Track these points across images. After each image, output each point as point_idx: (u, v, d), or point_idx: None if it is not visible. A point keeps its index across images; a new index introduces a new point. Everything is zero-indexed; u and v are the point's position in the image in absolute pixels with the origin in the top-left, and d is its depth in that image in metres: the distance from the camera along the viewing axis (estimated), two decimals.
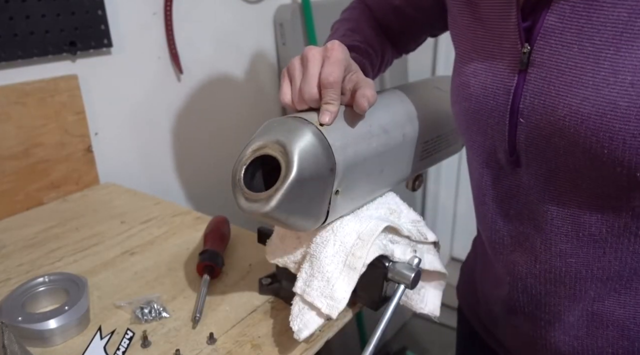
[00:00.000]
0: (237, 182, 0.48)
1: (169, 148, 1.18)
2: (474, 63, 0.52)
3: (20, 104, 0.88)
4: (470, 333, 0.73)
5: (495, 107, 0.50)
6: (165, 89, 1.14)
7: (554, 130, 0.44)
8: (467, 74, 0.53)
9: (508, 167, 0.52)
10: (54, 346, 0.58)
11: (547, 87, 0.44)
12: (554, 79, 0.44)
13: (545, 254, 0.52)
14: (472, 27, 0.53)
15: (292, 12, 1.31)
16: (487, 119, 0.51)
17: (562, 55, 0.43)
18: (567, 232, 0.49)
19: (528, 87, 0.46)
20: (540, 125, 0.46)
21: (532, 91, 0.46)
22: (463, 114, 0.55)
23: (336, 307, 0.52)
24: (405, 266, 0.53)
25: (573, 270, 0.50)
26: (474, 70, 0.52)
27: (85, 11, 0.92)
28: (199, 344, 0.58)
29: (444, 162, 0.76)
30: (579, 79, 0.42)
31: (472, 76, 0.52)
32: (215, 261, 0.69)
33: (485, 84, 0.51)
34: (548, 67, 0.44)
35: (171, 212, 0.91)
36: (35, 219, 0.88)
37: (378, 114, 0.57)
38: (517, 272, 0.56)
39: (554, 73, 0.44)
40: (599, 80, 0.41)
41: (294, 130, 0.47)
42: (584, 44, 0.42)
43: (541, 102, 0.45)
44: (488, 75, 0.50)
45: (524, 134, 0.48)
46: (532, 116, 0.46)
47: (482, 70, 0.51)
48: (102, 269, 0.73)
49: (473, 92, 0.52)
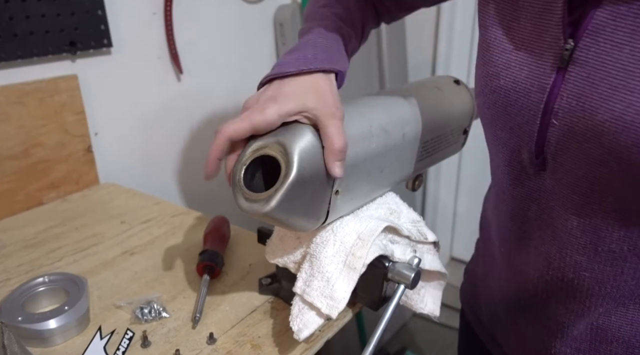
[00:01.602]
0: (237, 182, 0.48)
1: (169, 148, 1.18)
2: (506, 53, 0.48)
3: (20, 104, 0.88)
4: (471, 337, 0.72)
5: (526, 105, 0.46)
6: (165, 89, 1.14)
7: (590, 136, 0.41)
8: (498, 64, 0.49)
9: (531, 169, 0.49)
10: (54, 346, 0.58)
11: (588, 88, 0.41)
12: (597, 80, 0.41)
13: (559, 263, 0.50)
14: (508, 13, 0.48)
15: (292, 12, 1.31)
16: (516, 116, 0.48)
17: (610, 55, 0.40)
18: (585, 244, 0.47)
19: (567, 86, 0.43)
20: (575, 129, 0.42)
21: (571, 91, 0.42)
22: (488, 107, 0.51)
23: (336, 307, 0.52)
24: (405, 266, 0.53)
25: (585, 285, 0.48)
26: (506, 61, 0.48)
27: (85, 11, 0.92)
28: (199, 344, 0.58)
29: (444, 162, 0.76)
30: (626, 83, 0.39)
31: (504, 68, 0.48)
32: (215, 261, 0.69)
33: (517, 79, 0.47)
34: (592, 66, 0.41)
35: (171, 212, 0.91)
36: (35, 219, 0.88)
37: (378, 114, 0.57)
38: (528, 276, 0.54)
39: (599, 74, 0.41)
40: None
41: (294, 130, 0.47)
42: (637, 45, 0.38)
43: (580, 104, 0.42)
44: (522, 69, 0.46)
45: (556, 137, 0.44)
46: (567, 118, 0.43)
47: (516, 62, 0.47)
48: (102, 269, 0.73)
49: (503, 85, 0.48)
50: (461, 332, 0.80)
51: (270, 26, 1.35)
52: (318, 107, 0.47)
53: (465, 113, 0.72)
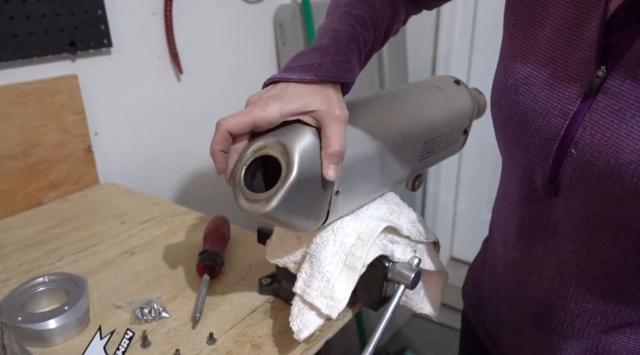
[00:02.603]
0: (237, 182, 0.48)
1: (168, 148, 1.18)
2: (529, 66, 0.44)
3: (20, 104, 0.88)
4: (473, 338, 0.72)
5: (544, 127, 0.42)
6: (165, 89, 1.14)
7: (610, 174, 0.38)
8: (518, 77, 0.45)
9: (542, 192, 0.46)
10: (53, 346, 0.58)
11: (617, 123, 0.37)
12: (628, 116, 0.36)
13: (562, 291, 0.48)
14: (537, 21, 0.44)
15: (292, 12, 1.31)
16: (532, 137, 0.44)
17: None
18: (592, 277, 0.44)
19: (592, 117, 0.39)
20: (595, 163, 0.39)
21: (596, 123, 0.38)
22: (503, 121, 0.48)
23: (336, 307, 0.52)
24: (405, 266, 0.53)
25: (587, 315, 0.47)
26: (527, 76, 0.44)
27: (85, 11, 0.92)
28: (199, 344, 0.58)
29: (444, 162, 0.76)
30: None
31: (523, 83, 0.44)
32: (215, 261, 0.69)
33: (538, 98, 0.43)
34: (625, 100, 0.37)
35: (171, 212, 0.91)
36: (35, 219, 0.88)
37: (378, 115, 0.57)
38: (530, 295, 0.52)
39: (631, 109, 0.36)
40: None
41: (295, 131, 0.47)
42: None
43: (605, 138, 0.38)
44: (543, 89, 0.42)
45: (572, 167, 0.41)
46: (588, 151, 0.39)
47: (538, 80, 0.43)
48: (102, 269, 0.73)
49: (520, 101, 0.44)
50: (463, 334, 0.79)
51: (270, 26, 1.35)
52: (322, 108, 0.46)
53: (465, 113, 0.71)
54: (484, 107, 0.76)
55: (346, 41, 0.51)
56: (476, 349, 0.71)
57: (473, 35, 1.70)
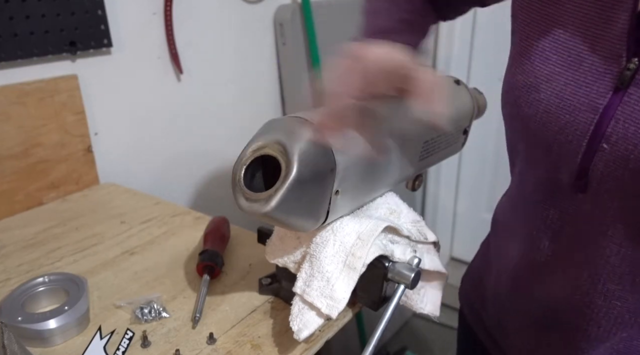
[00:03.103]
0: (237, 182, 0.48)
1: (168, 148, 1.18)
2: (550, 64, 0.43)
3: (20, 104, 0.88)
4: (472, 338, 0.72)
5: (571, 123, 0.42)
6: (165, 89, 1.14)
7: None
8: (539, 75, 0.44)
9: (568, 190, 0.45)
10: (53, 346, 0.58)
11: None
12: None
13: (589, 288, 0.47)
14: (554, 18, 0.43)
15: (292, 12, 1.31)
16: (557, 134, 0.43)
17: None
18: (622, 274, 0.44)
19: (624, 109, 0.38)
20: (629, 157, 0.38)
21: (629, 116, 0.38)
22: (521, 121, 0.47)
23: (336, 307, 0.52)
24: (405, 266, 0.53)
25: (615, 313, 0.46)
26: (549, 74, 0.43)
27: (85, 11, 0.92)
28: (199, 344, 0.58)
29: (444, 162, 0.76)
30: None
31: (544, 80, 0.43)
32: (215, 261, 0.69)
33: (563, 95, 0.42)
34: None
35: (171, 212, 0.91)
36: (35, 219, 0.88)
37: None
38: (551, 295, 0.51)
39: None
40: None
41: (294, 130, 0.47)
42: None
43: (638, 130, 0.38)
44: (568, 84, 0.42)
45: (604, 162, 0.40)
46: (621, 145, 0.39)
47: (563, 76, 0.42)
48: (102, 269, 0.73)
49: (543, 99, 0.43)
50: (460, 335, 0.79)
51: (270, 26, 1.35)
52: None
53: (465, 113, 0.71)
54: (484, 107, 0.76)
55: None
56: (475, 348, 0.71)
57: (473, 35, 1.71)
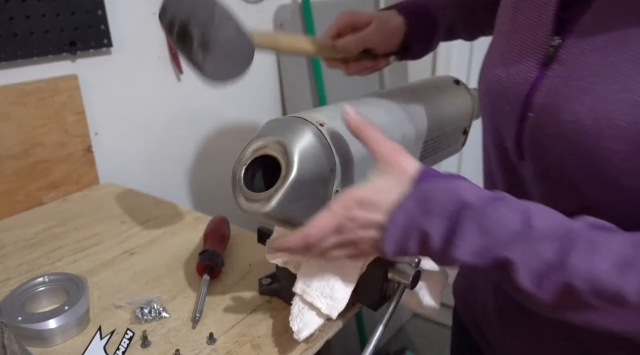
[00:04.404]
0: (237, 182, 0.48)
1: (168, 148, 1.18)
2: (507, 44, 0.50)
3: (20, 104, 0.88)
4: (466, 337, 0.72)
5: (512, 95, 0.48)
6: (165, 89, 1.14)
7: (557, 133, 0.43)
8: (497, 55, 0.52)
9: (514, 157, 0.50)
10: (53, 346, 0.58)
11: (562, 87, 0.42)
12: (571, 80, 0.42)
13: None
14: (514, 7, 0.51)
15: (292, 12, 1.31)
16: (503, 105, 0.49)
17: (587, 58, 0.41)
18: None
19: (545, 83, 0.44)
20: (546, 124, 0.44)
21: (548, 88, 0.44)
22: (483, 94, 0.54)
23: (336, 307, 0.52)
24: (405, 266, 0.53)
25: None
26: (504, 53, 0.50)
27: (85, 11, 0.92)
28: (199, 344, 0.58)
29: (443, 162, 0.76)
30: (592, 87, 0.40)
31: (501, 58, 0.50)
32: (215, 261, 0.69)
33: (509, 70, 0.49)
34: (570, 67, 0.42)
35: (171, 212, 0.91)
36: (35, 219, 0.88)
37: (378, 115, 0.57)
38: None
39: (573, 75, 0.42)
40: (609, 93, 0.39)
41: (295, 130, 0.47)
42: (610, 51, 0.39)
43: (552, 101, 0.43)
44: (514, 62, 0.48)
45: (530, 129, 0.46)
46: (541, 113, 0.44)
47: (511, 54, 0.49)
48: (102, 269, 0.73)
49: (497, 75, 0.50)
50: (454, 332, 0.79)
51: (270, 26, 1.35)
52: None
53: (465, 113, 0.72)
54: None
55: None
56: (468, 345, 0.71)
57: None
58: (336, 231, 0.44)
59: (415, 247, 0.42)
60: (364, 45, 0.66)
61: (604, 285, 0.35)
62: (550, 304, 0.37)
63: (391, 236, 0.42)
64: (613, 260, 0.35)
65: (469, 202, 0.40)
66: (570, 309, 0.37)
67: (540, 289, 0.37)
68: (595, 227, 0.38)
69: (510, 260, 0.37)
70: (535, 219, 0.38)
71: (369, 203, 0.43)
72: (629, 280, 0.34)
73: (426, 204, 0.41)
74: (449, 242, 0.40)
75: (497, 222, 0.38)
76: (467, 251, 0.39)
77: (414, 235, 0.41)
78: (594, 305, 0.36)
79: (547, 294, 0.37)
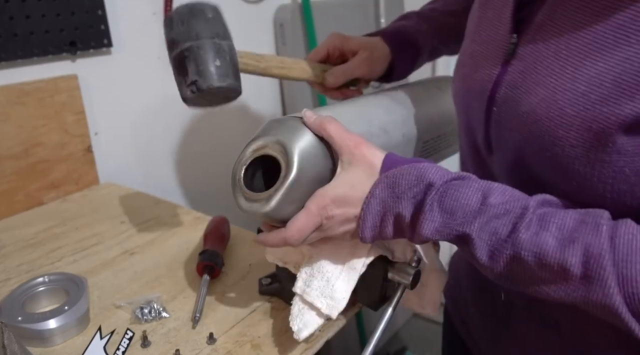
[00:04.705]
0: (236, 182, 0.48)
1: (169, 148, 1.18)
2: (474, 44, 0.53)
3: (20, 104, 0.88)
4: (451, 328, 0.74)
5: (479, 92, 0.50)
6: (165, 89, 1.13)
7: (517, 125, 0.45)
8: (466, 53, 0.54)
9: (485, 152, 0.52)
10: (53, 346, 0.58)
11: (520, 81, 0.45)
12: (527, 74, 0.44)
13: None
14: (480, 9, 0.54)
15: (292, 12, 1.31)
16: (472, 101, 0.52)
17: (540, 52, 0.44)
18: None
19: (506, 78, 0.47)
20: (508, 117, 0.46)
21: (508, 83, 0.46)
22: (456, 93, 0.56)
23: (336, 307, 0.52)
24: (405, 266, 0.53)
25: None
26: (472, 51, 0.53)
27: (85, 11, 0.92)
28: (199, 344, 0.58)
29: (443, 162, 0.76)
30: (545, 80, 0.43)
31: (469, 57, 0.53)
32: (215, 261, 0.69)
33: (476, 67, 0.51)
34: (527, 62, 0.45)
35: (171, 212, 0.91)
36: (35, 219, 0.88)
37: (378, 114, 0.57)
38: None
39: (529, 69, 0.44)
40: (559, 84, 0.41)
41: (295, 130, 0.47)
42: (561, 45, 0.42)
43: (512, 95, 0.46)
44: (480, 59, 0.51)
45: (495, 123, 0.48)
46: (502, 107, 0.47)
47: (478, 52, 0.52)
48: (102, 269, 0.73)
49: (465, 73, 0.53)
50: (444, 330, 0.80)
51: (270, 26, 1.35)
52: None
53: None
54: None
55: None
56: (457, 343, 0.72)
57: None
58: (316, 230, 0.47)
59: (392, 230, 0.45)
60: (352, 76, 0.70)
61: (549, 258, 0.37)
62: (504, 276, 0.41)
63: (368, 223, 0.45)
64: (558, 235, 0.38)
65: (433, 182, 0.43)
66: (520, 281, 0.40)
67: (493, 261, 0.40)
68: (545, 203, 0.41)
69: (468, 235, 0.41)
70: (492, 197, 0.41)
71: (344, 199, 0.45)
72: (572, 254, 0.36)
73: (396, 188, 0.44)
74: (417, 220, 0.43)
75: (457, 201, 0.42)
76: (432, 228, 0.42)
77: (389, 219, 0.44)
78: (542, 277, 0.39)
79: (500, 266, 0.40)
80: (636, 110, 0.36)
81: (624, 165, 0.38)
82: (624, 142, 0.37)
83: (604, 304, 0.36)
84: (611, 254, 0.35)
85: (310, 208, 0.46)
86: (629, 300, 0.35)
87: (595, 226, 0.37)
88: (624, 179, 0.39)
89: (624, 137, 0.37)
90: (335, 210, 0.45)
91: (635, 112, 0.36)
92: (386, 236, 0.45)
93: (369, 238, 0.46)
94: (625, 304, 0.35)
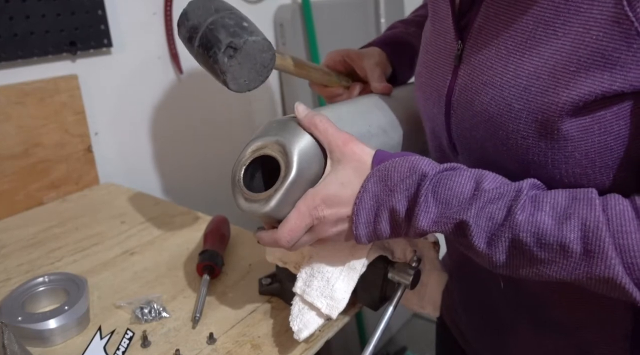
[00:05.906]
0: (236, 182, 0.48)
1: (169, 148, 1.18)
2: (427, 54, 0.55)
3: (20, 104, 0.88)
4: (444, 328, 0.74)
5: (437, 98, 0.52)
6: (165, 89, 1.14)
7: (474, 124, 0.47)
8: (421, 64, 0.56)
9: (451, 154, 0.53)
10: (53, 346, 0.58)
11: (470, 84, 0.47)
12: (475, 77, 0.46)
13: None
14: (431, 21, 0.56)
15: (292, 12, 1.31)
16: (432, 107, 0.53)
17: (483, 55, 0.45)
18: None
19: (458, 82, 0.48)
20: (464, 118, 0.48)
21: (460, 86, 0.48)
22: (418, 101, 0.57)
23: (336, 307, 0.52)
24: (405, 266, 0.53)
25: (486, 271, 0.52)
26: (426, 61, 0.55)
27: (85, 11, 0.92)
28: (199, 344, 0.58)
29: None
30: (491, 79, 0.44)
31: (424, 67, 0.55)
32: (215, 261, 0.69)
33: (432, 76, 0.53)
34: (473, 65, 0.47)
35: (171, 212, 0.91)
36: (35, 219, 0.88)
37: (377, 115, 0.57)
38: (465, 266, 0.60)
39: (476, 72, 0.46)
40: (504, 82, 0.43)
41: (294, 131, 0.47)
42: (500, 46, 0.44)
43: (465, 97, 0.47)
44: (434, 68, 0.53)
45: (455, 125, 0.50)
46: (459, 110, 0.48)
47: (431, 61, 0.53)
48: (102, 269, 0.73)
49: (423, 82, 0.55)
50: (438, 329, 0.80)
51: (270, 26, 1.35)
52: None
53: None
54: None
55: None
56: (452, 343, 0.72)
57: None
58: (308, 231, 0.46)
59: (387, 226, 0.44)
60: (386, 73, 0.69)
61: (548, 236, 0.38)
62: (503, 263, 0.41)
63: (361, 219, 0.44)
64: (553, 214, 0.38)
65: (426, 172, 0.43)
66: (519, 266, 0.40)
67: (491, 248, 0.40)
68: (534, 187, 0.42)
69: (465, 221, 0.41)
70: (485, 182, 0.42)
71: (335, 199, 0.45)
72: (570, 230, 0.37)
73: (388, 181, 0.43)
74: (412, 213, 0.43)
75: (451, 190, 0.42)
76: (429, 220, 0.42)
77: (384, 214, 0.44)
78: (542, 258, 0.39)
79: (498, 252, 0.40)
80: (572, 97, 0.38)
81: (573, 150, 0.40)
82: (569, 128, 0.39)
83: (606, 277, 0.36)
84: (607, 226, 0.36)
85: (300, 209, 0.45)
86: (630, 271, 0.36)
87: (588, 201, 0.38)
88: (576, 162, 0.40)
89: (567, 123, 0.39)
90: (326, 210, 0.45)
91: (572, 98, 0.38)
92: (381, 234, 0.45)
93: (364, 235, 0.45)
94: (627, 275, 0.36)
